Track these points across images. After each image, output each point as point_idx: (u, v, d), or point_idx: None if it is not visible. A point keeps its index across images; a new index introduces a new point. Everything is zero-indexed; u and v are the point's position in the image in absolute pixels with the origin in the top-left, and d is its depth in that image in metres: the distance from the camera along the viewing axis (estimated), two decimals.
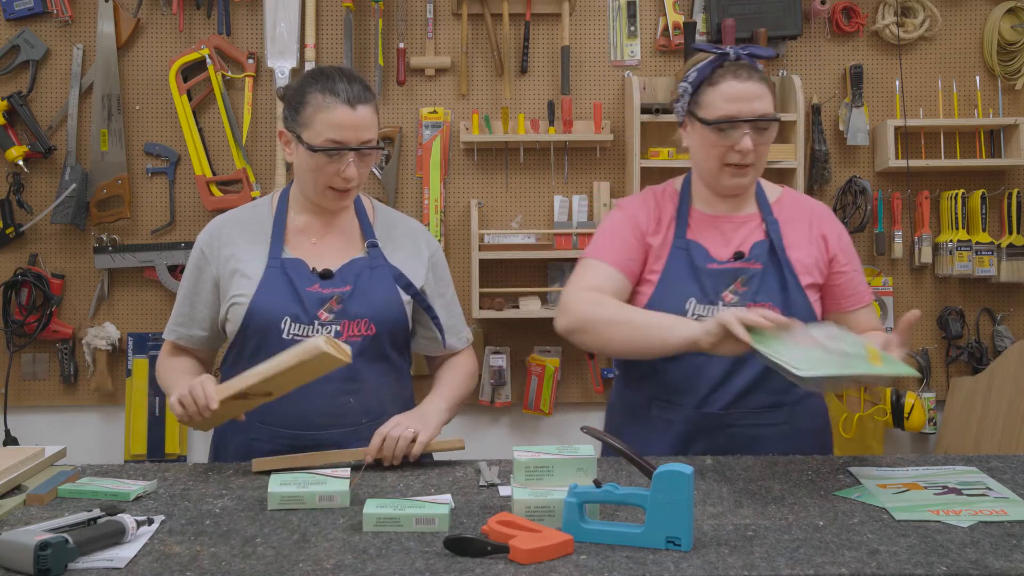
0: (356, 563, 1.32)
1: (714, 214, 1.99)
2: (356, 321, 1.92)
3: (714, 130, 1.89)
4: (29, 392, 3.36)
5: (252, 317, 1.91)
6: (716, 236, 1.97)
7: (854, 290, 2.01)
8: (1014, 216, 3.36)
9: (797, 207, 2.03)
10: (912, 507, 1.53)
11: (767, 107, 1.89)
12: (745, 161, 1.90)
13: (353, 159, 1.89)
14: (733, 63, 1.90)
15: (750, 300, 1.89)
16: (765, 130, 1.90)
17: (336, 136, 1.88)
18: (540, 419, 3.46)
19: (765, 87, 1.90)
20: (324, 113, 1.88)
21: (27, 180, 3.33)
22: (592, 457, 1.52)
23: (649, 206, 2.02)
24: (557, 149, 3.39)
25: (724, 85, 1.89)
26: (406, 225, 2.10)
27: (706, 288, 1.91)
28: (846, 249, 2.02)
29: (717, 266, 1.92)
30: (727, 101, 1.88)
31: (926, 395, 3.32)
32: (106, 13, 3.30)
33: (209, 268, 1.98)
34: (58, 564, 1.28)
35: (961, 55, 3.44)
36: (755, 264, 1.92)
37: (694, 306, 1.90)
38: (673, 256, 1.95)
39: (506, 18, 3.30)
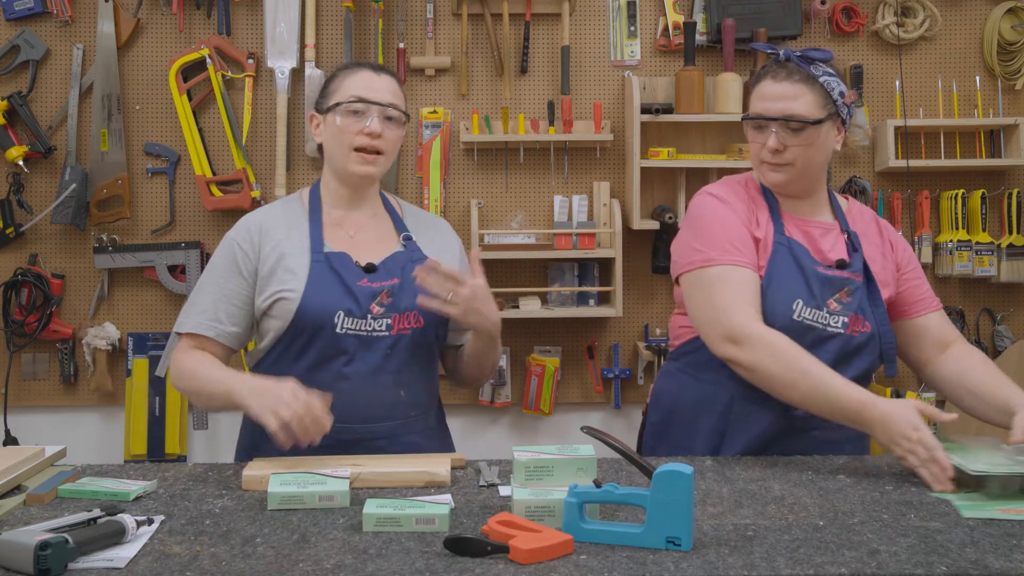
0: (356, 563, 1.32)
1: (800, 216, 1.99)
2: (406, 314, 1.93)
3: (751, 126, 1.94)
4: (29, 392, 3.36)
5: (304, 313, 1.89)
6: (807, 240, 1.96)
7: (921, 295, 2.03)
8: (1014, 216, 3.36)
9: (865, 218, 2.06)
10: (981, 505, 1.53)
11: (800, 108, 1.89)
12: (775, 160, 1.91)
13: (377, 116, 1.94)
14: (776, 64, 1.94)
15: (852, 311, 1.90)
16: (799, 131, 1.89)
17: (360, 92, 1.95)
18: (540, 419, 3.46)
19: (805, 88, 1.90)
20: (350, 78, 1.99)
21: (27, 180, 3.33)
22: (592, 457, 1.52)
23: (743, 197, 1.98)
24: (557, 149, 3.39)
25: (761, 84, 1.94)
26: (433, 221, 2.15)
27: (814, 292, 1.90)
28: (909, 255, 2.05)
29: (824, 271, 1.92)
30: (759, 99, 1.93)
31: (926, 395, 3.32)
32: (106, 13, 3.30)
33: (248, 262, 1.95)
34: (58, 564, 1.28)
35: (961, 55, 3.44)
36: (857, 275, 1.93)
37: (801, 308, 1.88)
38: (778, 253, 1.92)
39: (506, 18, 3.30)
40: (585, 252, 3.25)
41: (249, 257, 1.96)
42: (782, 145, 1.90)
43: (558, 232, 3.27)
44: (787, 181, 1.94)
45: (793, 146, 1.90)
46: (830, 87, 1.92)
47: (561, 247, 3.26)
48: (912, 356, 2.05)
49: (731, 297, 1.84)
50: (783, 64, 1.93)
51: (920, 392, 3.33)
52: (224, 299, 1.95)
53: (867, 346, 1.92)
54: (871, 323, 1.92)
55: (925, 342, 2.02)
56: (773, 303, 1.87)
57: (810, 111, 1.89)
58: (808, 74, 1.91)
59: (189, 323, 1.96)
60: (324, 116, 2.00)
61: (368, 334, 1.91)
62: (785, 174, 1.93)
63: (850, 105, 1.97)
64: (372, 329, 1.91)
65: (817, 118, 1.89)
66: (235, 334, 1.96)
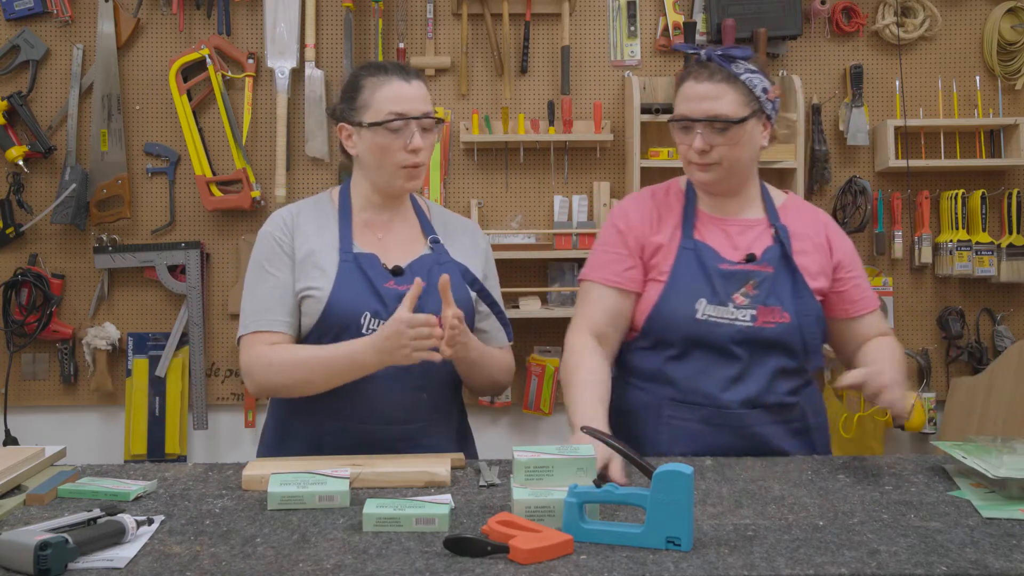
0: (356, 563, 1.32)
1: (721, 216, 2.00)
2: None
3: (677, 128, 1.95)
4: (29, 392, 3.36)
5: (331, 312, 1.89)
6: (723, 238, 1.97)
7: (860, 295, 2.02)
8: (1014, 216, 3.36)
9: (803, 213, 2.05)
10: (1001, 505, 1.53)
11: (723, 108, 1.89)
12: (703, 160, 1.92)
13: (417, 129, 1.91)
14: (698, 64, 1.94)
15: (761, 303, 1.90)
16: (724, 131, 1.89)
17: (397, 108, 1.90)
18: (540, 419, 3.46)
19: (727, 87, 1.90)
20: (382, 90, 1.92)
21: (27, 180, 3.33)
22: (592, 457, 1.52)
23: (646, 206, 2.03)
24: (557, 149, 3.39)
25: (684, 85, 1.94)
26: (460, 222, 2.13)
27: (717, 289, 1.91)
28: (851, 255, 2.04)
29: (728, 267, 1.93)
30: (683, 101, 1.93)
31: (926, 395, 3.32)
32: (106, 13, 3.30)
33: (288, 253, 1.95)
34: (58, 564, 1.28)
35: (961, 55, 3.44)
36: (767, 267, 1.93)
37: (704, 306, 1.91)
38: (681, 257, 1.95)
39: (506, 18, 3.30)
40: (585, 252, 3.22)
41: (286, 249, 1.96)
42: (708, 145, 1.90)
43: (558, 232, 3.27)
44: (715, 180, 1.95)
45: (719, 145, 1.90)
46: (752, 84, 1.91)
47: (561, 247, 3.26)
48: (846, 353, 2.06)
49: (582, 311, 1.99)
50: (704, 64, 1.93)
51: (920, 392, 3.33)
52: (282, 291, 1.93)
53: (784, 337, 1.91)
54: (789, 311, 1.91)
55: (856, 342, 2.03)
56: (676, 306, 1.92)
57: (734, 110, 1.89)
58: (729, 73, 1.91)
59: (260, 322, 1.93)
60: (357, 129, 1.95)
61: None
62: (713, 174, 1.94)
63: (775, 100, 1.97)
64: None
65: (741, 116, 1.89)
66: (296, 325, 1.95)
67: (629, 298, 1.98)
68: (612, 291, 1.97)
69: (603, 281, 1.98)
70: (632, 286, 1.97)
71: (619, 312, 1.97)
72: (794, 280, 1.93)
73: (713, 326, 1.90)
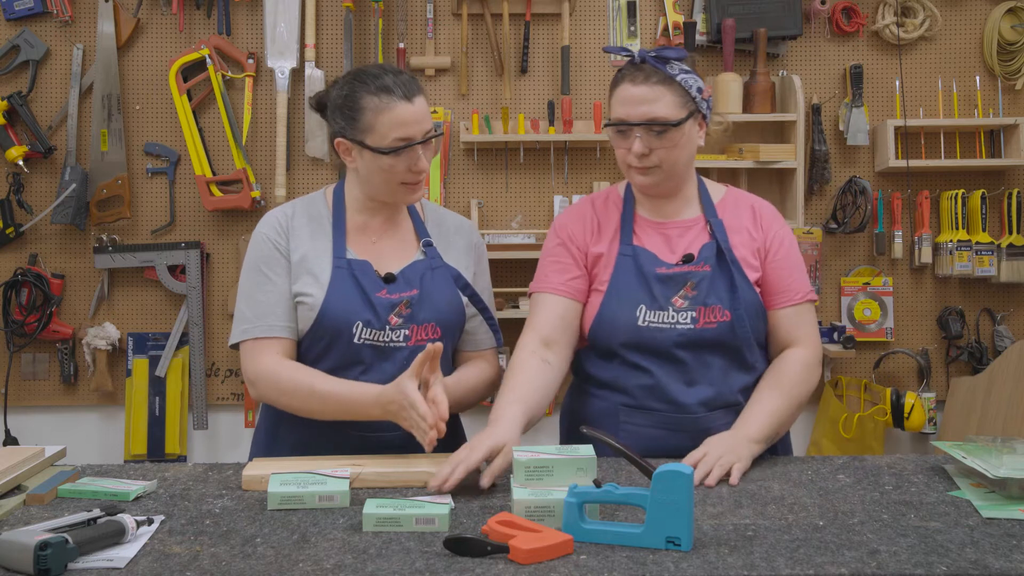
0: (356, 563, 1.32)
1: (659, 220, 1.99)
2: (424, 326, 1.92)
3: (614, 131, 1.91)
4: (29, 392, 3.36)
5: (323, 320, 1.89)
6: (662, 242, 1.96)
7: (783, 287, 1.95)
8: (1014, 216, 3.36)
9: (740, 205, 2.02)
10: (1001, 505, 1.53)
11: (661, 111, 1.86)
12: (642, 164, 1.89)
13: (422, 151, 1.90)
14: (633, 66, 1.90)
15: (700, 304, 1.89)
16: (663, 133, 1.87)
17: (403, 134, 1.86)
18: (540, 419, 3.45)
19: (663, 89, 1.86)
20: (385, 115, 1.86)
21: (27, 180, 3.33)
22: (592, 457, 1.52)
23: (586, 216, 2.02)
24: (557, 149, 3.39)
25: (620, 88, 1.91)
26: (454, 221, 2.11)
27: (655, 294, 1.90)
28: (782, 243, 1.97)
29: (666, 271, 1.91)
30: (620, 104, 1.90)
31: (926, 395, 3.32)
32: (106, 13, 3.30)
33: (285, 250, 1.94)
34: (58, 564, 1.28)
35: (961, 55, 3.44)
36: (703, 267, 1.91)
37: (644, 312, 1.90)
38: (620, 264, 1.94)
39: (506, 18, 3.30)
40: None
41: (285, 246, 1.95)
42: (647, 149, 1.88)
43: None
44: (655, 183, 1.93)
45: (658, 148, 1.88)
46: (688, 85, 1.89)
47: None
48: (769, 351, 2.00)
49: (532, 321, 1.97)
50: (639, 66, 1.89)
51: (920, 392, 3.33)
52: (282, 296, 1.93)
53: (726, 336, 1.89)
54: (727, 308, 1.89)
55: (773, 337, 1.97)
56: (616, 314, 1.91)
57: (671, 112, 1.87)
58: (665, 75, 1.87)
59: (262, 328, 1.91)
60: (358, 148, 1.90)
61: (385, 345, 1.91)
62: (653, 177, 1.91)
63: (708, 99, 1.94)
64: (390, 340, 1.91)
65: (679, 118, 1.87)
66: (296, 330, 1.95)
67: (576, 306, 1.97)
68: (559, 299, 1.97)
69: (550, 290, 1.98)
70: (578, 296, 1.97)
71: (566, 319, 1.96)
72: (731, 275, 1.91)
73: (655, 332, 1.89)
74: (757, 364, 1.94)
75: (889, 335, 3.41)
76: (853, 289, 3.41)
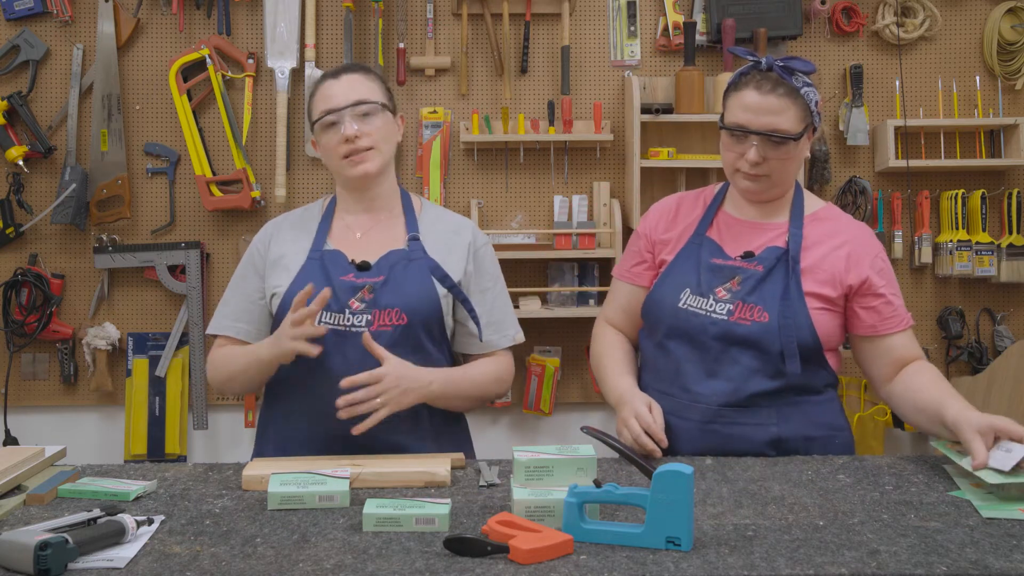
0: (356, 563, 1.32)
1: (742, 218, 2.02)
2: (387, 311, 1.93)
3: (728, 134, 1.93)
4: (29, 392, 3.36)
5: (285, 305, 1.95)
6: (736, 238, 1.99)
7: (890, 313, 1.96)
8: (1014, 216, 3.36)
9: (834, 222, 2.02)
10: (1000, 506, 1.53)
11: (783, 123, 1.87)
12: (753, 171, 1.91)
13: (350, 118, 1.97)
14: (760, 72, 1.91)
15: (740, 299, 1.91)
16: (780, 145, 1.89)
17: (326, 106, 1.99)
18: (540, 419, 3.46)
19: (790, 102, 1.88)
20: (316, 95, 2.03)
21: (27, 180, 3.33)
22: (592, 457, 1.52)
23: (668, 207, 2.12)
24: (557, 149, 3.39)
25: (744, 93, 1.91)
26: (453, 221, 2.13)
27: (702, 281, 1.94)
28: (882, 271, 1.97)
29: (720, 261, 1.96)
30: (742, 109, 1.90)
31: None
32: (106, 13, 3.30)
33: (260, 261, 2.06)
34: (58, 564, 1.28)
35: (961, 55, 3.44)
36: (756, 267, 1.93)
37: (687, 296, 1.95)
38: (685, 250, 2.01)
39: (506, 18, 3.30)
40: (585, 252, 3.25)
41: (261, 256, 2.06)
42: (762, 158, 1.89)
43: (558, 232, 3.27)
44: (761, 190, 1.95)
45: (772, 159, 1.90)
46: (809, 99, 1.91)
47: (561, 247, 3.26)
48: (873, 372, 2.00)
49: (605, 302, 2.19)
50: (766, 74, 1.90)
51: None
52: (243, 298, 2.05)
53: (760, 337, 1.89)
54: (769, 312, 1.89)
55: (885, 360, 1.96)
56: (664, 293, 1.99)
57: (793, 125, 1.88)
58: (792, 87, 1.89)
59: (213, 325, 2.07)
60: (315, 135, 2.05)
61: (346, 329, 1.92)
62: (760, 184, 1.94)
63: (821, 112, 1.99)
64: (351, 324, 1.92)
65: (799, 132, 1.89)
66: (258, 332, 2.04)
67: (637, 291, 2.09)
68: (625, 285, 2.12)
69: (618, 276, 2.15)
70: (641, 281, 2.08)
71: (629, 304, 2.10)
72: (787, 283, 1.90)
73: (691, 316, 1.94)
74: (790, 376, 1.89)
75: None
76: None
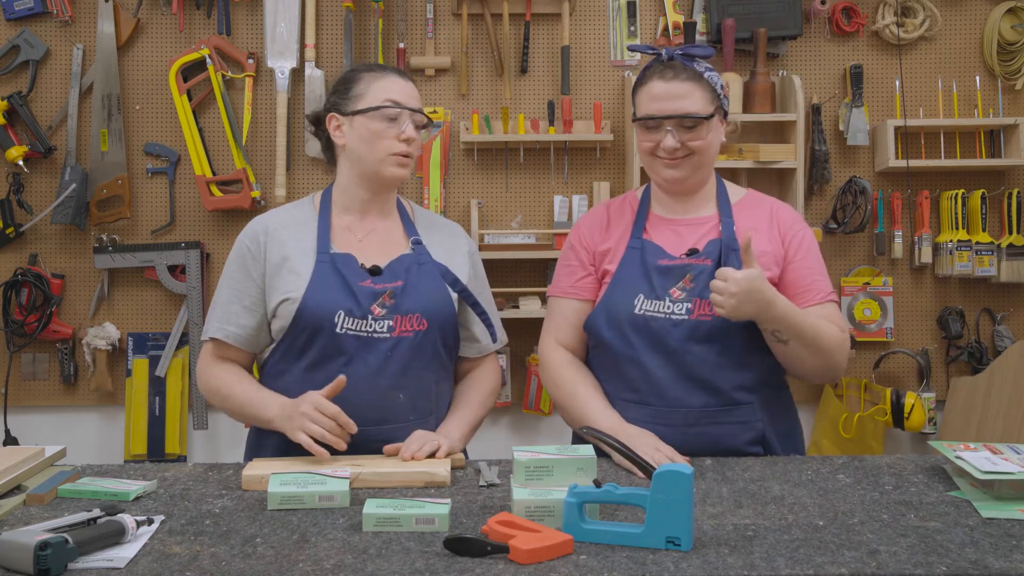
0: (356, 563, 1.32)
1: (671, 217, 2.04)
2: (408, 316, 1.93)
3: (641, 127, 1.97)
4: (29, 392, 3.36)
5: (305, 311, 1.90)
6: (672, 236, 2.01)
7: (806, 286, 1.97)
8: (1014, 216, 3.36)
9: (758, 206, 2.06)
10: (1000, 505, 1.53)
11: (692, 106, 1.93)
12: (674, 155, 1.94)
13: (411, 121, 1.96)
14: (662, 63, 1.97)
15: (696, 296, 1.91)
16: (693, 128, 1.93)
17: (394, 96, 1.95)
18: (540, 419, 3.46)
19: (694, 86, 1.94)
20: (379, 82, 1.97)
21: (27, 180, 3.33)
22: (592, 457, 1.52)
23: (597, 217, 2.11)
24: (557, 149, 3.39)
25: (651, 84, 1.97)
26: (445, 224, 2.15)
27: (654, 284, 1.94)
28: (802, 243, 2.00)
29: (667, 262, 1.96)
30: (651, 100, 1.96)
31: (926, 395, 3.32)
32: (106, 13, 3.30)
33: (256, 265, 1.97)
34: (58, 564, 1.28)
35: (961, 55, 3.44)
36: (704, 260, 1.94)
37: (642, 302, 1.94)
38: (627, 256, 2.00)
39: (506, 18, 3.30)
40: None
41: (256, 259, 1.98)
42: (679, 143, 1.94)
43: (558, 232, 3.26)
44: (684, 176, 1.98)
45: (688, 142, 1.94)
46: (714, 82, 1.97)
47: (561, 247, 3.26)
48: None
49: (547, 325, 2.11)
50: (668, 64, 1.97)
51: (920, 392, 3.33)
52: (236, 300, 1.97)
53: (724, 330, 1.90)
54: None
55: None
56: (618, 301, 1.97)
57: (702, 107, 1.94)
58: (694, 71, 1.95)
59: (211, 328, 1.99)
60: (349, 118, 1.97)
61: (368, 335, 1.91)
62: (682, 169, 1.97)
63: (727, 97, 2.02)
64: (373, 330, 1.91)
65: (708, 113, 1.94)
66: (248, 336, 1.98)
67: (583, 306, 2.06)
68: (571, 302, 2.07)
69: (561, 294, 2.09)
70: (586, 294, 2.06)
71: (580, 320, 2.05)
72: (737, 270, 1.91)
73: (650, 320, 1.93)
74: (756, 364, 1.94)
75: (889, 335, 3.41)
76: (853, 289, 3.41)
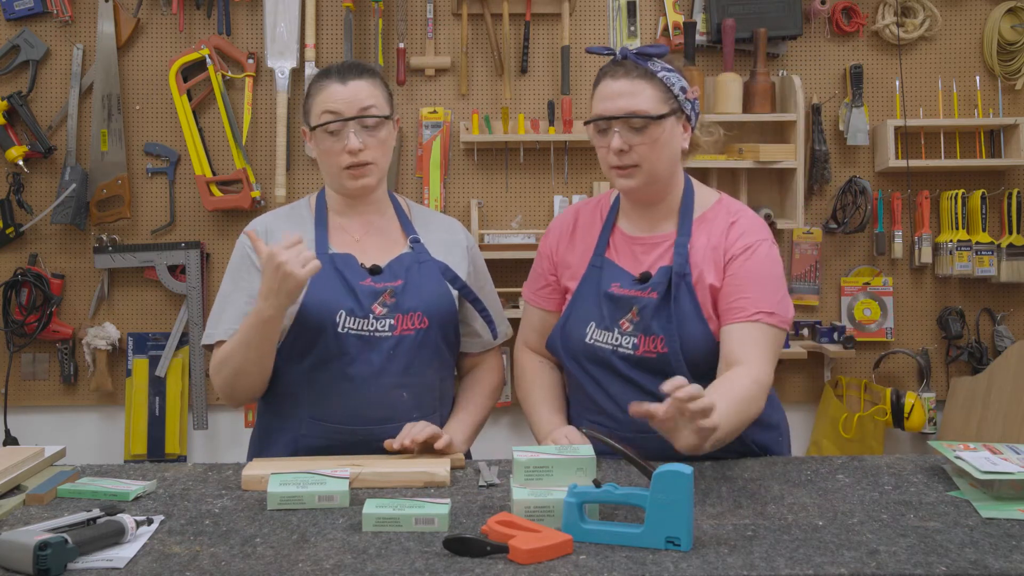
0: (356, 563, 1.32)
1: (632, 234, 1.94)
2: (410, 315, 1.93)
3: (595, 130, 1.86)
4: (29, 392, 3.36)
5: (306, 312, 1.89)
6: (630, 258, 1.92)
7: (731, 303, 1.81)
8: (1014, 216, 3.36)
9: (721, 219, 1.90)
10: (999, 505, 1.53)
11: (641, 104, 1.80)
12: (623, 162, 1.83)
13: (355, 130, 1.91)
14: (614, 64, 1.87)
15: (641, 331, 1.84)
16: (642, 129, 1.81)
17: (331, 107, 1.91)
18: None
19: (644, 84, 1.81)
20: (319, 95, 1.95)
21: (27, 180, 3.33)
22: (592, 457, 1.52)
23: (565, 224, 2.03)
24: (557, 149, 3.39)
25: (600, 85, 1.87)
26: (443, 221, 2.13)
27: (604, 313, 1.88)
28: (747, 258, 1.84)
29: (618, 291, 1.88)
30: (600, 100, 1.86)
31: (926, 395, 3.32)
32: (106, 13, 3.30)
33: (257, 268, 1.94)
34: (58, 564, 1.28)
35: (961, 55, 3.44)
36: (651, 293, 1.85)
37: (593, 330, 1.90)
38: (587, 275, 1.94)
39: (506, 18, 3.30)
40: None
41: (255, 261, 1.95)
42: (627, 144, 1.81)
43: None
44: (637, 186, 1.85)
45: (638, 145, 1.81)
46: (670, 82, 1.83)
47: None
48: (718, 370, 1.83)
49: (520, 326, 2.11)
50: (620, 63, 1.85)
51: (920, 392, 3.33)
52: (245, 301, 1.94)
53: (668, 367, 1.80)
54: (669, 339, 1.82)
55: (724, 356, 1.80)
56: (572, 329, 1.93)
57: (652, 106, 1.80)
58: (646, 70, 1.82)
59: (220, 332, 1.94)
60: (312, 132, 1.97)
61: (370, 334, 1.91)
62: (635, 179, 1.84)
63: (694, 101, 1.87)
64: (374, 329, 1.91)
65: (659, 113, 1.81)
66: None
67: (546, 315, 2.04)
68: (535, 310, 2.06)
69: (528, 300, 2.09)
70: (547, 305, 2.04)
71: (544, 328, 2.04)
72: (679, 305, 1.82)
73: (598, 350, 1.88)
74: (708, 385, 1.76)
75: (889, 335, 3.41)
76: (853, 289, 3.41)
